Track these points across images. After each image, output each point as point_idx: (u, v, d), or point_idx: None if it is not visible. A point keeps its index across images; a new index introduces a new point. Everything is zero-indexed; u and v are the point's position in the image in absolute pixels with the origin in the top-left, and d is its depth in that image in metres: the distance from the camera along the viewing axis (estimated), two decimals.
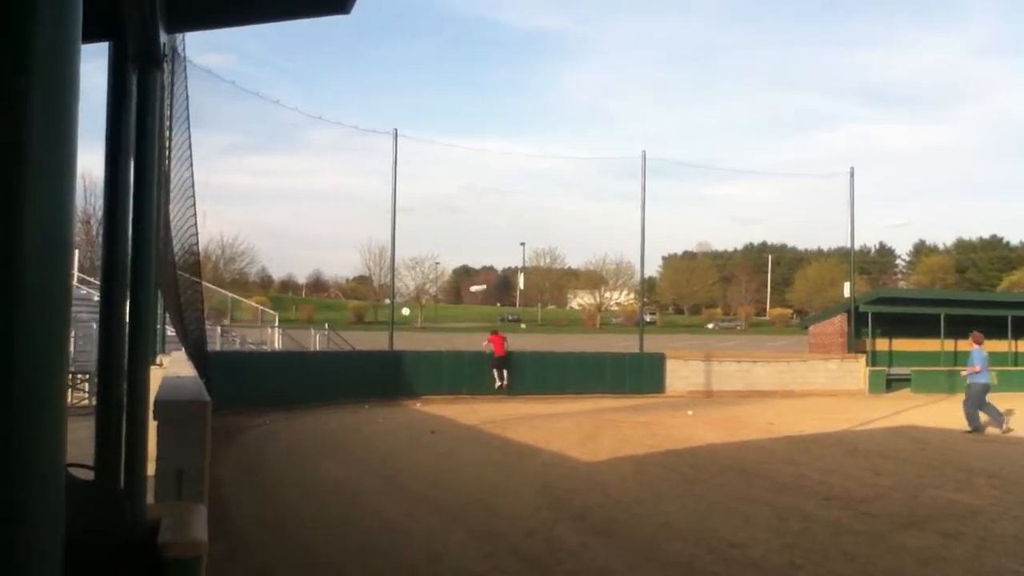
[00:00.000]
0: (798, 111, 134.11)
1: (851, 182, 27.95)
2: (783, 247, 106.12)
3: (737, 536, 7.86)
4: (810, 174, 68.45)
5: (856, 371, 26.51)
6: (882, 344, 28.02)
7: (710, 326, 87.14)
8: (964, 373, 16.75)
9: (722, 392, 24.26)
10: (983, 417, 16.07)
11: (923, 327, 27.39)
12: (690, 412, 19.09)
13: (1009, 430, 16.01)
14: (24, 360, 0.94)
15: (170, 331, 14.23)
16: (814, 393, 24.98)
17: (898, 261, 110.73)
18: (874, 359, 27.18)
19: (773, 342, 51.54)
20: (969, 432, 15.79)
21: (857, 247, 30.42)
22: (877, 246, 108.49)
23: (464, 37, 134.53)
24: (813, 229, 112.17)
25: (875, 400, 23.90)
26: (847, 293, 30.81)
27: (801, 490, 10.24)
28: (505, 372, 22.04)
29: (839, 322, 29.15)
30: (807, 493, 10.04)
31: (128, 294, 3.19)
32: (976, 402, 16.09)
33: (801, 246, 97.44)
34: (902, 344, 28.03)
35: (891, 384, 26.41)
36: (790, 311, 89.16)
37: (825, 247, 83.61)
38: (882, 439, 15.26)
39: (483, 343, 22.72)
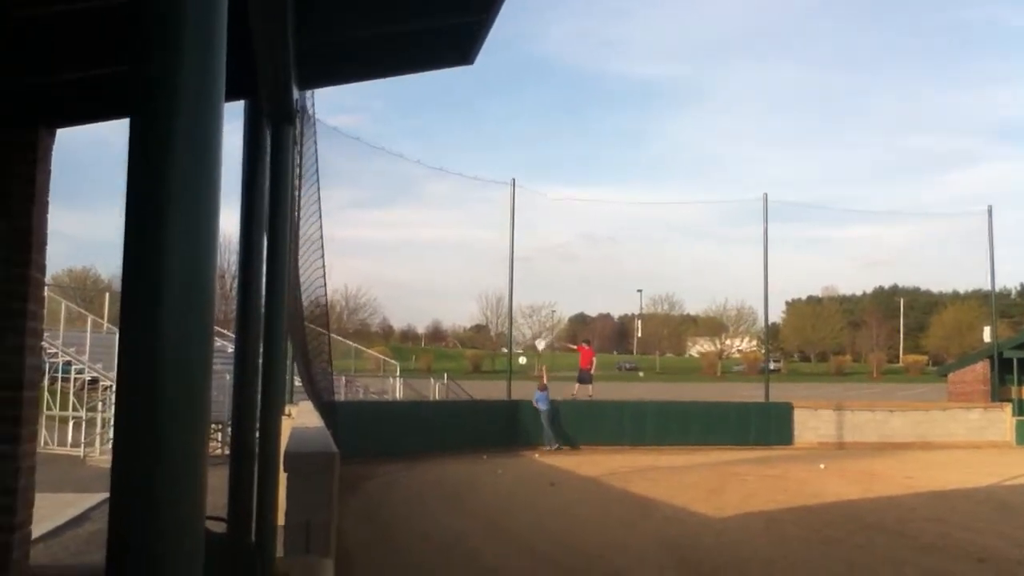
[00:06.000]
0: (925, 152, 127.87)
1: (989, 221, 26.51)
2: (915, 291, 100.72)
3: None
4: (943, 214, 65.15)
5: (1001, 421, 24.74)
6: None
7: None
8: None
9: (855, 444, 23.04)
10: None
11: None
12: (822, 465, 18.19)
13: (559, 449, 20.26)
14: (168, 412, 0.92)
15: (297, 382, 14.65)
16: (955, 445, 23.41)
17: None
18: (1021, 408, 25.32)
19: (908, 390, 48.82)
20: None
21: (997, 289, 28.68)
22: (1018, 288, 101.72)
23: (578, 88, 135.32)
24: (947, 272, 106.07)
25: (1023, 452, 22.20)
26: (988, 338, 29.00)
27: (949, 550, 9.53)
28: (590, 387, 23.17)
29: (981, 369, 27.37)
30: (956, 554, 9.33)
31: (261, 346, 3.26)
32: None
33: (935, 289, 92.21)
34: None
35: None
36: (925, 358, 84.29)
37: (961, 290, 78.83)
38: None
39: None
